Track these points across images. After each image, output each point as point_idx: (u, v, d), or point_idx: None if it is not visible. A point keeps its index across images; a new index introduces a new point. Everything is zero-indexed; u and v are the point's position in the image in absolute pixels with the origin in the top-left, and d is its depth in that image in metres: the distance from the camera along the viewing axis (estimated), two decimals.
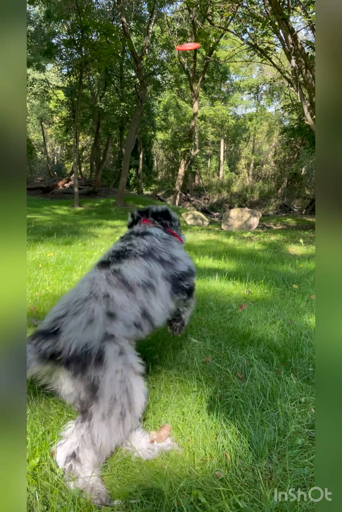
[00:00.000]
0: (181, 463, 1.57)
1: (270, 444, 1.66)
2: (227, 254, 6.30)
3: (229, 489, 1.43)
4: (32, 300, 3.47)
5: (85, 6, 18.23)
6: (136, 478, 1.49)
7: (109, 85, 27.57)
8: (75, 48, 19.70)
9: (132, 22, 25.07)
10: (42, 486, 1.45)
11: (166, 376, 2.22)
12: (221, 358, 2.46)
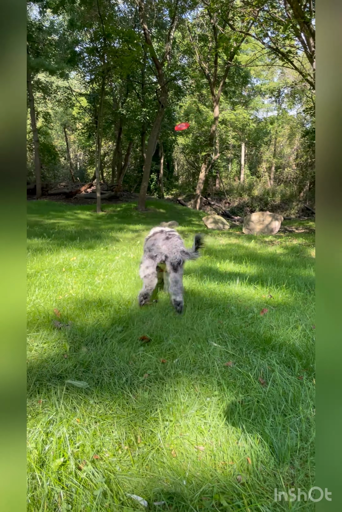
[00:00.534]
0: (202, 466, 1.59)
1: (292, 450, 1.66)
2: (248, 258, 6.26)
3: (251, 494, 1.43)
4: (56, 303, 3.54)
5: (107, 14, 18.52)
6: (159, 478, 1.51)
7: (131, 91, 27.87)
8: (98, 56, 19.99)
9: (154, 28, 25.31)
10: (66, 485, 1.49)
11: (188, 379, 2.24)
12: (242, 362, 2.46)
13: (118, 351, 2.57)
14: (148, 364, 2.41)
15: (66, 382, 2.15)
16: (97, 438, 1.73)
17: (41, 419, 1.82)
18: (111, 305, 3.56)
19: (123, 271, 5.05)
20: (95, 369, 2.31)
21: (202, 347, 2.67)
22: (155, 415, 1.90)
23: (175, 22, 21.98)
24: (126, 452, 1.66)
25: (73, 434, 1.75)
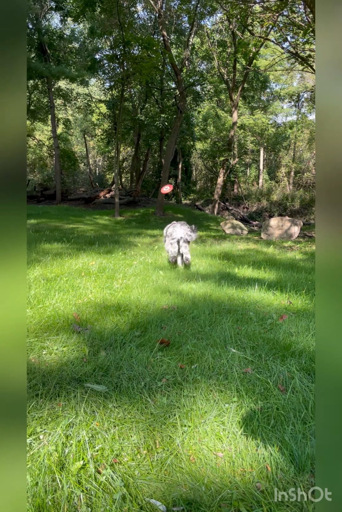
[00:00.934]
0: (221, 472, 1.58)
1: (312, 458, 1.63)
2: (266, 264, 6.21)
3: (270, 501, 1.41)
4: (76, 307, 3.59)
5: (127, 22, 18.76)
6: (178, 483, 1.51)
7: (149, 97, 28.10)
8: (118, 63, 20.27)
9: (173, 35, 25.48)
10: (86, 488, 1.50)
11: (206, 385, 2.23)
12: (261, 369, 2.44)
13: (137, 355, 2.58)
14: (166, 369, 2.41)
15: (85, 385, 2.17)
16: (116, 442, 1.74)
17: (61, 422, 1.84)
18: (130, 309, 3.59)
19: (141, 276, 5.07)
20: (114, 373, 2.33)
21: (220, 352, 2.66)
22: (174, 420, 1.90)
23: (194, 28, 22.08)
24: (145, 456, 1.67)
25: (92, 438, 1.76)
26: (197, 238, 6.00)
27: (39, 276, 4.69)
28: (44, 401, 2.01)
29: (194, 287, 4.56)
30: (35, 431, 1.78)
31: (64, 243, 7.83)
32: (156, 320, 3.29)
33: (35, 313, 3.32)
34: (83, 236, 9.71)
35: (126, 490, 1.48)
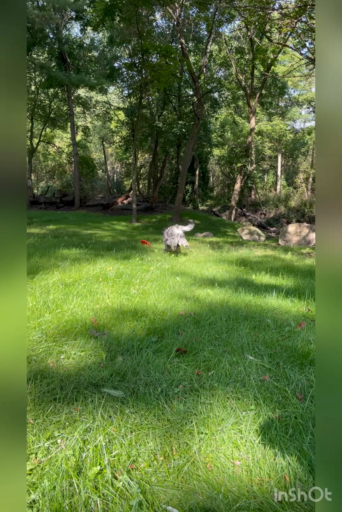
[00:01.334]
0: (238, 481, 1.56)
1: None
2: (284, 270, 6.14)
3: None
4: (93, 312, 3.62)
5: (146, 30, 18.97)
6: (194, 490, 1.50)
7: (167, 104, 28.29)
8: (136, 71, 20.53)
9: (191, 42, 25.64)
10: (102, 494, 1.50)
11: (223, 392, 2.21)
12: (279, 377, 2.41)
13: (154, 361, 2.58)
14: (183, 376, 2.41)
15: (102, 390, 2.18)
16: (133, 448, 1.74)
17: (79, 426, 1.86)
18: (147, 315, 3.59)
19: (158, 281, 5.08)
20: (131, 378, 2.34)
21: (237, 359, 2.64)
22: (190, 427, 1.89)
23: (212, 35, 22.17)
24: (162, 463, 1.66)
25: (109, 443, 1.77)
26: (192, 228, 8.16)
27: (57, 281, 4.75)
28: (62, 405, 2.03)
29: (210, 293, 4.54)
30: (53, 435, 1.80)
31: (82, 248, 7.91)
32: (173, 326, 3.29)
33: (53, 318, 3.36)
34: (101, 242, 9.80)
35: (143, 497, 1.48)
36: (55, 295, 4.06)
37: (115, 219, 21.29)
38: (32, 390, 2.16)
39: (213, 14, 20.02)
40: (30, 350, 2.69)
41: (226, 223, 23.11)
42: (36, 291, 4.18)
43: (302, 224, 13.60)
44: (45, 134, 34.62)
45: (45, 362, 2.52)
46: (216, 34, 23.52)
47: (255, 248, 10.25)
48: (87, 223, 18.11)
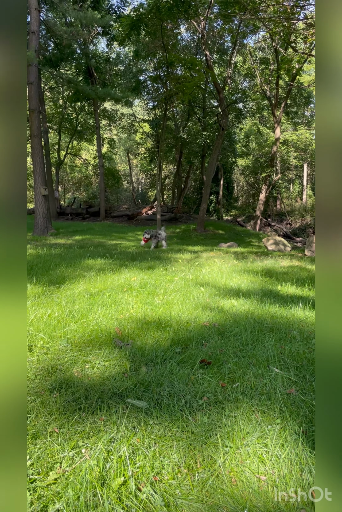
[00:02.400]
0: (264, 497, 1.53)
1: None
2: (311, 281, 6.02)
3: None
4: (117, 322, 3.64)
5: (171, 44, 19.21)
6: (219, 505, 1.47)
7: (192, 115, 28.46)
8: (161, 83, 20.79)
9: (215, 54, 25.79)
10: (126, 505, 1.50)
11: (248, 405, 2.18)
12: (306, 390, 2.35)
13: (177, 372, 2.57)
14: (207, 387, 2.38)
15: (126, 401, 2.19)
16: (157, 459, 1.74)
17: (103, 436, 1.86)
18: (170, 325, 3.59)
19: (182, 292, 5.08)
20: (154, 389, 2.33)
21: (262, 372, 2.60)
22: (214, 440, 1.87)
23: (236, 47, 22.23)
24: (186, 476, 1.64)
25: (133, 454, 1.77)
26: (165, 235, 12.05)
27: (83, 291, 4.82)
28: (86, 415, 2.05)
29: (235, 303, 4.50)
30: (78, 445, 1.81)
31: (107, 258, 8.01)
32: (197, 337, 3.27)
33: (78, 327, 3.41)
34: (126, 252, 9.89)
35: (166, 510, 1.47)
36: (80, 305, 4.12)
37: (140, 229, 21.47)
38: (57, 399, 2.18)
39: (237, 26, 20.11)
40: (56, 359, 2.73)
41: (250, 233, 22.90)
42: (62, 300, 4.25)
43: None
44: (72, 146, 35.45)
45: (70, 372, 2.55)
46: (241, 46, 23.58)
47: (281, 258, 10.10)
48: (112, 233, 18.34)
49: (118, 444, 1.81)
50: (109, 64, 27.24)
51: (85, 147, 40.92)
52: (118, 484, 1.58)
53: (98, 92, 22.66)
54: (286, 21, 11.31)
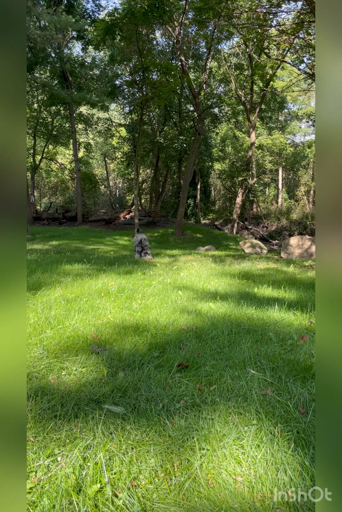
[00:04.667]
0: (240, 498, 1.54)
1: None
2: (286, 283, 6.13)
3: None
4: (95, 328, 3.61)
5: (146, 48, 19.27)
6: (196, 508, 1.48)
7: (168, 120, 28.59)
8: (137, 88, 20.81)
9: (191, 60, 26.01)
10: None
11: (225, 407, 2.20)
12: (281, 391, 2.39)
13: (155, 376, 2.57)
14: (185, 391, 2.39)
15: (103, 407, 2.17)
16: (134, 464, 1.73)
17: (79, 443, 1.84)
18: (148, 330, 3.59)
19: (160, 296, 5.08)
20: (132, 394, 2.32)
21: (239, 374, 2.63)
22: (192, 443, 1.87)
23: (211, 52, 22.49)
24: (163, 480, 1.64)
25: (110, 460, 1.75)
26: None
27: (59, 297, 4.76)
28: (62, 422, 2.02)
29: (212, 306, 4.54)
30: (53, 453, 1.79)
31: (84, 264, 7.93)
32: (175, 341, 3.28)
33: (55, 334, 3.36)
34: (103, 257, 9.83)
35: None
36: (57, 311, 4.07)
37: (118, 234, 21.37)
38: (32, 407, 2.15)
39: (211, 32, 20.36)
40: (31, 367, 2.69)
41: (228, 236, 23.14)
42: (38, 307, 4.19)
43: (304, 236, 13.60)
44: (48, 151, 34.99)
45: (46, 379, 2.51)
46: (215, 51, 23.87)
47: (257, 261, 10.24)
48: (89, 238, 18.18)
49: (95, 451, 1.79)
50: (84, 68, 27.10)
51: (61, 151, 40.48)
52: (94, 491, 1.56)
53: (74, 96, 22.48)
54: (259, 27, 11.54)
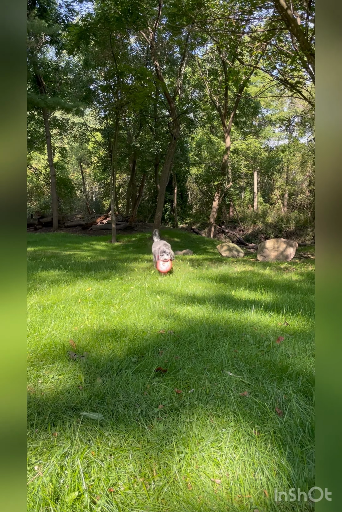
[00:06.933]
0: (218, 500, 1.55)
1: (310, 482, 1.61)
2: (263, 286, 6.22)
3: None
4: (72, 335, 3.57)
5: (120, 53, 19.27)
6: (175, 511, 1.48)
7: (144, 125, 28.62)
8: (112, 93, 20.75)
9: (165, 65, 26.16)
10: None
11: (203, 410, 2.21)
12: (258, 392, 2.42)
13: (133, 381, 2.56)
14: (163, 395, 2.39)
15: (81, 414, 2.15)
16: (113, 471, 1.72)
17: (56, 452, 1.82)
18: (126, 335, 3.57)
19: (138, 300, 5.07)
20: (110, 400, 2.31)
21: (217, 376, 2.65)
22: (170, 447, 1.88)
23: (185, 58, 22.69)
24: (142, 485, 1.64)
25: (88, 467, 1.74)
26: None
27: (35, 303, 4.68)
28: (39, 431, 1.99)
29: (190, 310, 4.56)
30: (30, 462, 1.75)
31: (61, 270, 7.83)
32: (153, 345, 3.28)
33: (31, 342, 3.30)
34: (80, 263, 9.72)
35: None
36: (32, 318, 4.00)
37: (95, 239, 21.20)
38: None
39: (185, 38, 20.55)
40: None
41: (205, 240, 23.31)
42: None
43: (279, 239, 13.85)
44: None
45: None
46: (189, 57, 24.09)
47: (234, 264, 10.36)
48: (66, 244, 17.95)
49: (72, 459, 1.77)
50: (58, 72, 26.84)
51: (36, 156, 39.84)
52: (72, 499, 1.54)
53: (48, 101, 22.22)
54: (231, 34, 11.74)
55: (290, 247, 12.91)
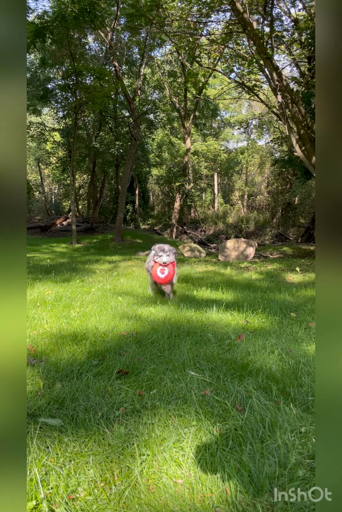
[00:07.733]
0: (181, 500, 1.55)
1: (270, 477, 1.64)
2: (224, 285, 6.31)
3: None
4: (30, 339, 3.45)
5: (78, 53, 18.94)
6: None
7: (104, 125, 28.29)
8: (70, 92, 20.32)
9: (124, 65, 26.00)
10: None
11: (165, 411, 2.20)
12: (220, 390, 2.45)
13: (94, 385, 2.51)
14: (124, 397, 2.36)
15: (39, 420, 2.07)
16: (72, 477, 1.67)
17: None
18: (87, 338, 3.50)
19: (99, 302, 4.99)
20: (69, 405, 2.25)
21: (179, 376, 2.65)
22: (132, 450, 1.85)
23: (145, 59, 22.68)
24: (102, 490, 1.60)
25: (46, 475, 1.68)
26: None
27: None
28: None
29: (153, 311, 4.54)
30: None
31: None
32: (115, 347, 3.24)
33: None
34: (39, 265, 9.44)
35: None
36: None
37: (55, 241, 20.69)
38: None
39: (144, 39, 20.53)
40: None
41: (167, 241, 23.36)
42: None
43: (239, 239, 14.13)
44: None
45: None
46: (148, 58, 24.10)
47: (196, 264, 10.45)
48: None
49: (30, 467, 1.70)
50: None
51: None
52: (29, 509, 1.48)
53: None
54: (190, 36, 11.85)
55: (250, 247, 13.20)
